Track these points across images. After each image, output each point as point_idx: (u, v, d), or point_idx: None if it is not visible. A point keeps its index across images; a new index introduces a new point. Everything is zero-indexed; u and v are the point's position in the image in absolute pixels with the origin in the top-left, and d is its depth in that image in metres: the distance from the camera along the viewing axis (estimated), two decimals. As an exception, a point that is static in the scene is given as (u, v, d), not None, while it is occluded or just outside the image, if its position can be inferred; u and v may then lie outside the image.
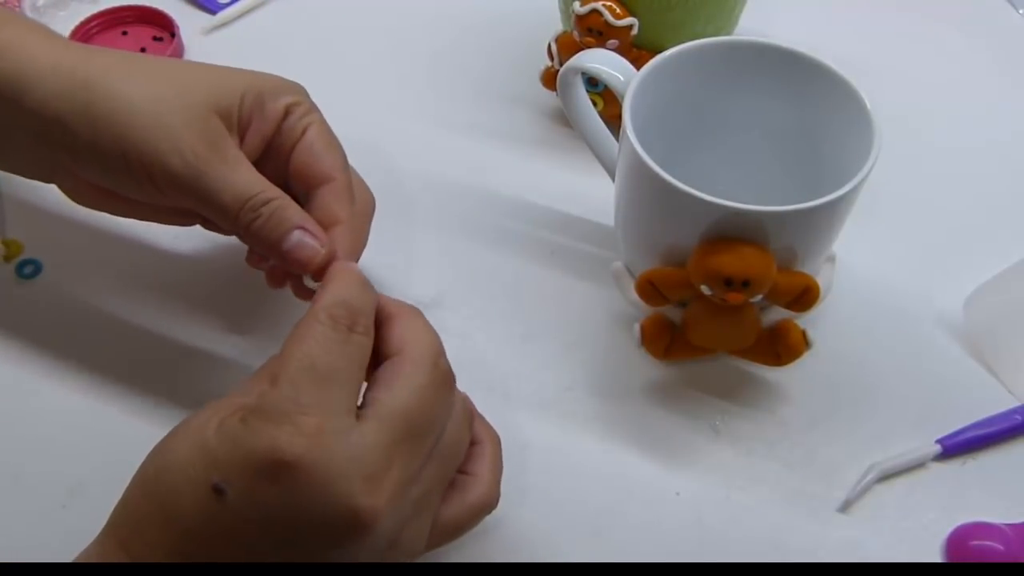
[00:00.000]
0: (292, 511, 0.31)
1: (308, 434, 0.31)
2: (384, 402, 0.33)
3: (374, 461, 0.32)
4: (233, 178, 0.38)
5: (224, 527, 0.32)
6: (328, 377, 0.33)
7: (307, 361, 0.33)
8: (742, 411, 0.47)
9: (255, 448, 0.31)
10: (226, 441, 0.32)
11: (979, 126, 0.60)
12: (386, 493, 0.32)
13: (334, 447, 0.31)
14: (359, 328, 0.34)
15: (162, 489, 0.33)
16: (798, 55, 0.46)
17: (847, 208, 0.43)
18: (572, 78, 0.48)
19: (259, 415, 0.32)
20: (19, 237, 0.51)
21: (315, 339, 0.33)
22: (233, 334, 0.48)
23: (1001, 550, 0.42)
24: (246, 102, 0.40)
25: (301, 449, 0.31)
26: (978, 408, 0.47)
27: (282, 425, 0.31)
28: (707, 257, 0.41)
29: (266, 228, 0.38)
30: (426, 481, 0.34)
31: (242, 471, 0.31)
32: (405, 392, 0.33)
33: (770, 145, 0.49)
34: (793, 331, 0.44)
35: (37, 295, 0.50)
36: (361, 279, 0.36)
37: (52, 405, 0.46)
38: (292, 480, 0.31)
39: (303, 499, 0.31)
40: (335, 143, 0.42)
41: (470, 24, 0.64)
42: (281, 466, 0.31)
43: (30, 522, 0.42)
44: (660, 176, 0.41)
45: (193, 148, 0.38)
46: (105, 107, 0.38)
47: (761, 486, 0.44)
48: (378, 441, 0.32)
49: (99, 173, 0.40)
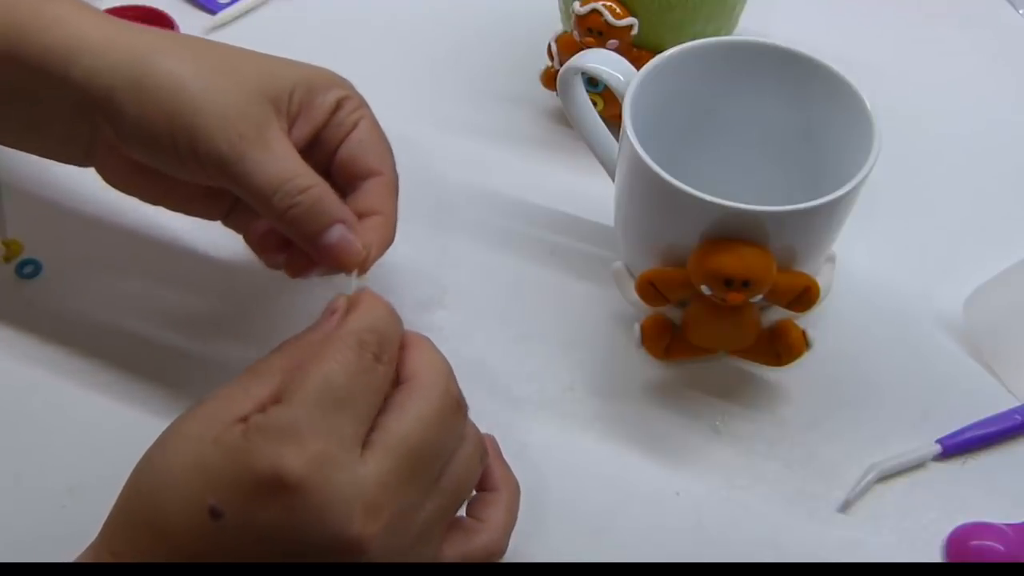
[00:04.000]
0: (287, 532, 0.31)
1: (312, 456, 0.30)
2: (392, 430, 0.32)
3: (376, 490, 0.31)
4: (274, 161, 0.38)
5: (218, 546, 0.31)
6: (344, 403, 0.32)
7: (326, 384, 0.32)
8: (742, 411, 0.47)
9: (255, 465, 0.30)
10: (225, 457, 0.31)
11: (979, 126, 0.60)
12: (383, 523, 0.31)
13: (336, 473, 0.31)
14: (384, 358, 0.33)
15: (156, 505, 0.32)
16: (798, 55, 0.46)
17: (847, 208, 0.43)
18: (572, 78, 0.48)
19: (263, 432, 0.31)
20: (19, 237, 0.51)
21: (338, 363, 0.32)
22: (233, 334, 0.48)
23: (1001, 550, 0.42)
24: (297, 93, 0.40)
25: (303, 471, 0.30)
26: (978, 408, 0.47)
27: (287, 444, 0.30)
28: (707, 257, 0.41)
29: (305, 217, 0.38)
30: (429, 512, 0.34)
31: (240, 488, 0.31)
32: (413, 420, 0.33)
33: (770, 145, 0.49)
34: (793, 331, 0.44)
35: (37, 295, 0.50)
36: (391, 308, 0.35)
37: (52, 405, 0.46)
38: (290, 500, 0.30)
39: (299, 521, 0.30)
40: (385, 140, 0.42)
41: (470, 24, 0.64)
42: (280, 485, 0.30)
43: (30, 522, 0.42)
44: (660, 176, 0.41)
45: (241, 130, 0.38)
46: (156, 83, 0.38)
47: (761, 486, 0.44)
48: (382, 470, 0.32)
49: (142, 148, 0.39)
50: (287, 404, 0.31)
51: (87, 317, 0.49)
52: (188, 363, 0.47)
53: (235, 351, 0.48)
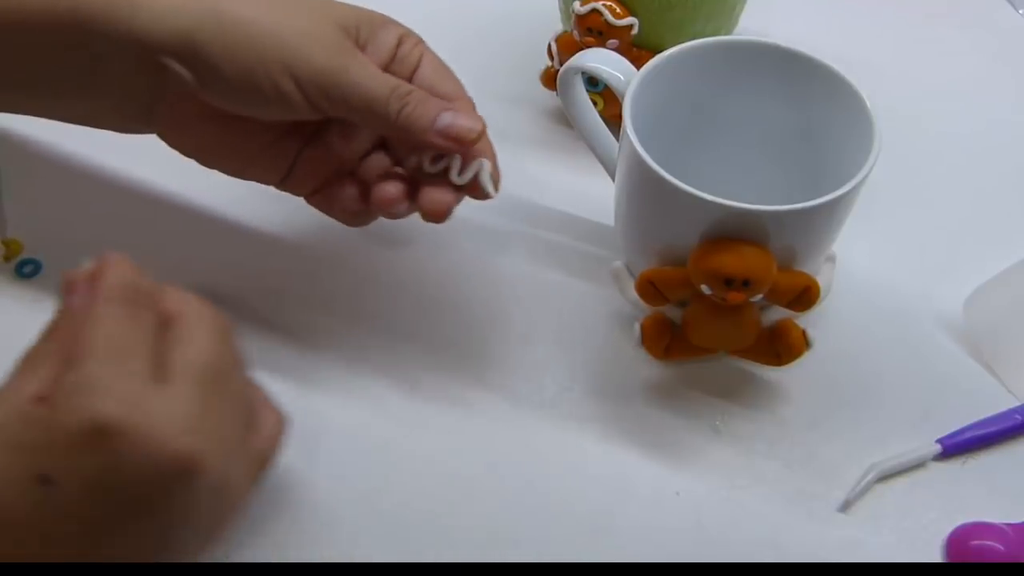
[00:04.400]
0: (119, 474, 0.32)
1: (120, 398, 0.32)
2: (178, 360, 0.34)
3: (188, 410, 0.33)
4: (375, 72, 0.40)
5: (55, 511, 0.32)
6: (127, 349, 0.33)
7: (105, 338, 0.33)
8: (742, 411, 0.47)
9: (71, 423, 0.31)
10: (38, 428, 0.32)
11: (979, 126, 0.60)
12: (204, 435, 0.33)
13: (147, 405, 0.32)
14: (142, 302, 0.35)
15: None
16: (798, 55, 0.46)
17: (847, 208, 0.43)
18: (572, 78, 0.48)
19: (67, 394, 0.32)
20: (19, 237, 0.51)
21: (107, 317, 0.33)
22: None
23: (1001, 550, 0.42)
24: (362, 29, 0.41)
25: (118, 412, 0.31)
26: (978, 408, 0.47)
27: (94, 395, 0.31)
28: (707, 257, 0.41)
29: (417, 111, 0.40)
30: (233, 418, 0.35)
31: (63, 450, 0.31)
32: (194, 346, 0.34)
33: (770, 144, 0.49)
34: (793, 331, 0.44)
35: (37, 295, 0.50)
36: (131, 262, 0.36)
37: (52, 405, 0.46)
38: (114, 443, 0.31)
39: (128, 459, 0.31)
40: (450, 70, 0.43)
41: (470, 24, 0.64)
42: (101, 432, 0.31)
43: (30, 522, 0.42)
44: (660, 175, 0.41)
45: (333, 48, 0.39)
46: (235, 18, 0.38)
47: (761, 486, 0.44)
48: (186, 393, 0.33)
49: (228, 88, 0.39)
50: (80, 366, 0.32)
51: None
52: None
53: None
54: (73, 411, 0.31)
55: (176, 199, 0.52)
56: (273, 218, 0.52)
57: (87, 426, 0.31)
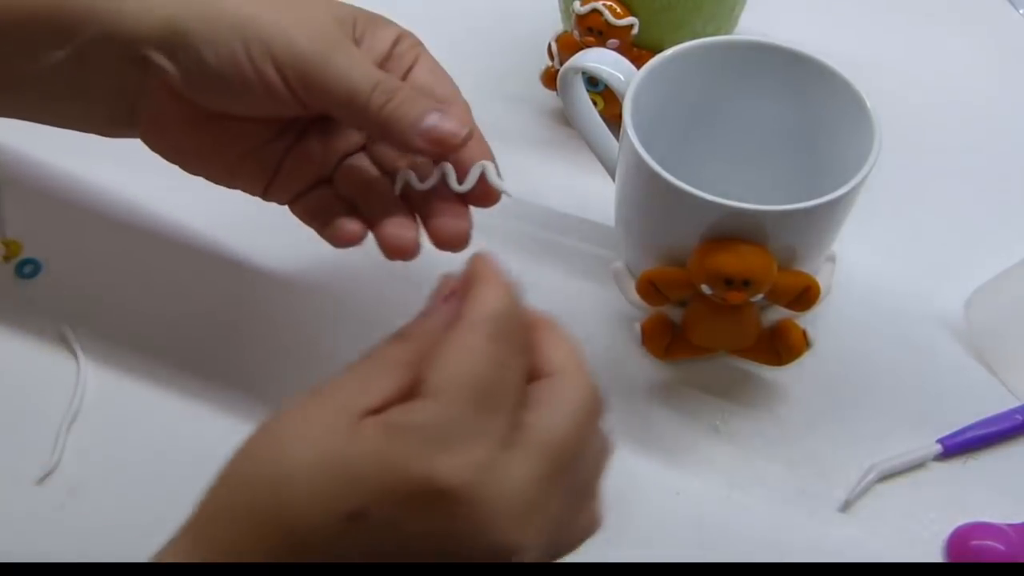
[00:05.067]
0: (436, 539, 0.29)
1: (468, 463, 0.28)
2: (539, 428, 0.30)
3: (529, 495, 0.29)
4: (361, 63, 0.38)
5: (353, 548, 0.29)
6: (490, 401, 0.29)
7: (471, 380, 0.29)
8: (742, 411, 0.47)
9: (407, 472, 0.28)
10: (369, 459, 0.28)
11: (979, 125, 0.60)
12: (534, 529, 0.29)
13: (492, 479, 0.29)
14: (519, 347, 0.31)
15: (282, 502, 0.29)
16: (798, 55, 0.46)
17: (847, 208, 0.43)
18: (572, 78, 0.48)
19: (411, 434, 0.28)
20: (19, 237, 0.51)
21: (478, 356, 0.30)
22: (234, 334, 0.48)
23: (1002, 550, 0.42)
24: (359, 22, 0.40)
25: (461, 481, 0.28)
26: (978, 408, 0.47)
27: (441, 450, 0.28)
28: (707, 257, 0.41)
29: (402, 109, 0.37)
30: (561, 511, 0.31)
31: (389, 495, 0.28)
32: (561, 419, 0.30)
33: (770, 145, 0.49)
34: (793, 331, 0.44)
35: (37, 295, 0.50)
36: (512, 286, 0.32)
37: (51, 405, 0.46)
38: (446, 510, 0.28)
39: (452, 529, 0.29)
40: (447, 73, 0.42)
41: (470, 24, 0.64)
42: (437, 495, 0.28)
43: (30, 522, 0.42)
44: (660, 175, 0.41)
45: (320, 35, 0.37)
46: (222, 3, 0.37)
47: (761, 486, 0.44)
48: (533, 473, 0.29)
49: (209, 78, 0.37)
50: (432, 402, 0.29)
51: (87, 317, 0.48)
52: (189, 362, 0.47)
53: (235, 351, 0.48)
54: (414, 458, 0.28)
55: (176, 200, 0.52)
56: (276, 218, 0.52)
57: (422, 482, 0.28)
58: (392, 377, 0.30)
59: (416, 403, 0.29)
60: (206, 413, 0.45)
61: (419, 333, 0.32)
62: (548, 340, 0.33)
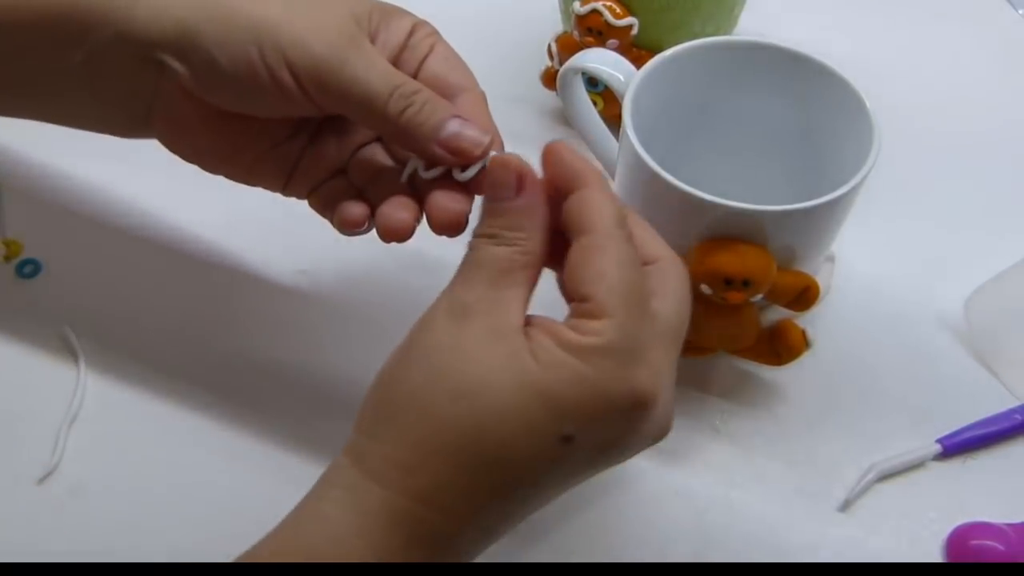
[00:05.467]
0: (625, 438, 0.33)
1: (653, 371, 0.32)
2: (664, 316, 0.34)
3: (672, 383, 0.34)
4: (379, 66, 0.37)
5: (565, 465, 0.32)
6: (645, 303, 0.33)
7: (630, 289, 0.32)
8: (742, 411, 0.47)
9: (614, 393, 0.31)
10: (573, 384, 0.31)
11: (979, 126, 0.60)
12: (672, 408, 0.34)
13: (662, 375, 0.33)
14: (629, 237, 0.34)
15: (492, 439, 0.31)
16: (798, 55, 0.46)
17: (847, 208, 0.43)
18: (572, 78, 0.48)
19: (605, 356, 0.31)
20: (19, 237, 0.51)
21: (627, 264, 0.33)
22: (234, 332, 0.48)
23: (1001, 550, 0.42)
24: (374, 16, 0.39)
25: (652, 386, 0.32)
26: (978, 408, 0.47)
27: (638, 366, 0.32)
28: (707, 257, 0.41)
29: (421, 115, 0.37)
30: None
31: (597, 414, 0.31)
32: (670, 300, 0.34)
33: (770, 144, 0.49)
34: (793, 331, 0.44)
35: (37, 295, 0.50)
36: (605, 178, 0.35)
37: (51, 405, 0.46)
38: (639, 413, 0.32)
39: (638, 426, 0.32)
40: (464, 62, 0.41)
41: (470, 24, 0.64)
42: (634, 404, 0.32)
43: (30, 522, 0.42)
44: (660, 175, 0.41)
45: (335, 36, 0.36)
46: (234, 3, 0.36)
47: (761, 485, 0.44)
48: (671, 360, 0.34)
49: (223, 81, 0.37)
50: (609, 321, 0.32)
51: (87, 317, 0.49)
52: (189, 362, 0.47)
53: (236, 348, 0.48)
54: (615, 379, 0.31)
55: (176, 200, 0.52)
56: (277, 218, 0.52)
57: (629, 398, 0.31)
58: (519, 285, 0.33)
59: (595, 323, 0.32)
60: (206, 413, 0.45)
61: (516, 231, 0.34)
62: (639, 227, 0.36)
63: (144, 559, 0.41)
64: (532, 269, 0.34)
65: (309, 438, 0.44)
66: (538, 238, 0.34)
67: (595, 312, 0.32)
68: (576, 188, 0.34)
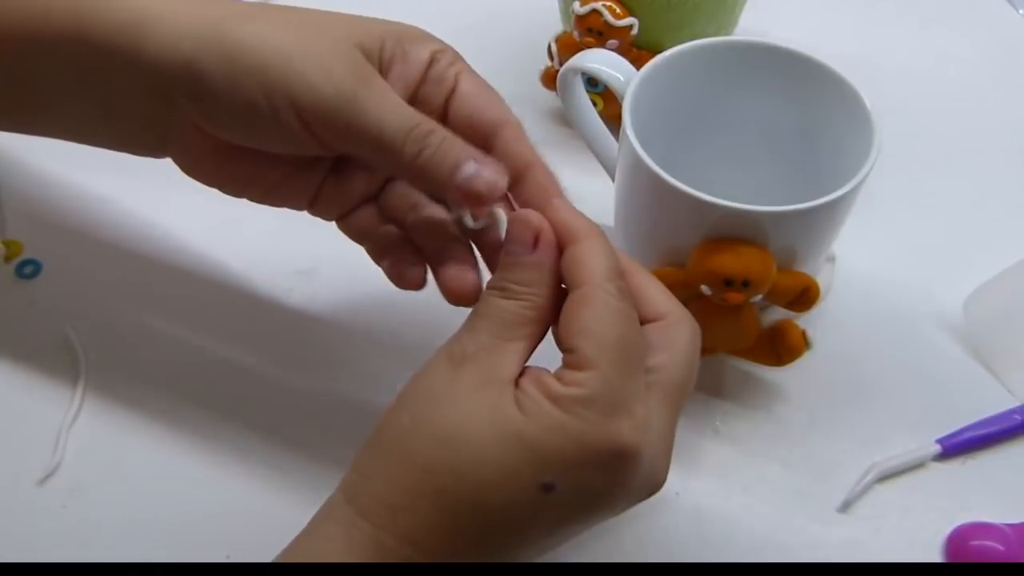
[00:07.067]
0: (610, 491, 0.32)
1: (638, 423, 0.32)
2: (664, 372, 0.33)
3: (668, 436, 0.33)
4: (392, 105, 0.35)
5: (544, 514, 0.32)
6: (636, 357, 0.33)
7: (619, 343, 0.32)
8: (742, 411, 0.47)
9: (594, 442, 0.31)
10: (555, 434, 0.31)
11: (979, 126, 0.60)
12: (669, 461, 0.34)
13: (651, 429, 0.32)
14: (626, 291, 0.34)
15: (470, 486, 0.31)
16: (798, 55, 0.46)
17: (847, 208, 0.43)
18: (572, 78, 0.48)
19: (588, 406, 0.31)
20: (19, 237, 0.51)
21: (618, 317, 0.33)
22: (234, 333, 0.48)
23: (1001, 550, 0.42)
24: (387, 46, 0.37)
25: (637, 439, 0.32)
26: (978, 408, 0.47)
27: (620, 418, 0.31)
28: (707, 257, 0.41)
29: (436, 158, 0.35)
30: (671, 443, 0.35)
31: (576, 464, 0.31)
32: (679, 360, 0.34)
33: (770, 145, 0.49)
34: (793, 331, 0.44)
35: (37, 295, 0.50)
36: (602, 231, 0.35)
37: (51, 405, 0.46)
38: (623, 466, 0.32)
39: (624, 479, 0.32)
40: (493, 89, 0.39)
41: (469, 24, 0.64)
42: (617, 456, 0.31)
43: (30, 522, 0.42)
44: (660, 176, 0.41)
45: (344, 75, 0.35)
46: (239, 42, 0.35)
47: (761, 486, 0.44)
48: (668, 416, 0.33)
49: (232, 119, 0.36)
50: (594, 373, 0.32)
51: (87, 317, 0.49)
52: (189, 362, 0.47)
53: (235, 350, 0.48)
54: (597, 430, 0.31)
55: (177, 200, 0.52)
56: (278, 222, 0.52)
57: (609, 449, 0.31)
58: (521, 339, 0.33)
59: (579, 375, 0.32)
60: (207, 413, 0.45)
61: (525, 286, 0.34)
62: (646, 284, 0.36)
63: (144, 559, 0.41)
64: (537, 326, 0.34)
65: (309, 438, 0.45)
66: (546, 295, 0.34)
67: (580, 363, 0.32)
68: (573, 243, 0.34)
